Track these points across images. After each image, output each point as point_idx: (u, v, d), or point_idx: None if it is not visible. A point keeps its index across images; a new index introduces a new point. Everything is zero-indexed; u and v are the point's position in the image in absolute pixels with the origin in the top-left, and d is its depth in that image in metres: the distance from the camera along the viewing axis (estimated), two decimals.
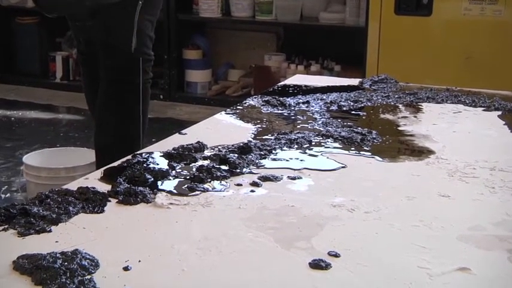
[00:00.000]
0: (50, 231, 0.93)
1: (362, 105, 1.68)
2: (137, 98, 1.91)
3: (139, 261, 0.85)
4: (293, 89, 1.85)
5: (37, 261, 0.81)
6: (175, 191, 1.09)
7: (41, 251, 0.85)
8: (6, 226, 0.94)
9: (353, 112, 1.62)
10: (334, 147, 1.33)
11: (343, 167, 1.22)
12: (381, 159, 1.28)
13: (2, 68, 4.50)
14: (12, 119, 3.66)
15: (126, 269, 0.83)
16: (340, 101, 1.69)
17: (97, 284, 0.78)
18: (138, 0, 1.67)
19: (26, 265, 0.81)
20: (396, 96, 1.76)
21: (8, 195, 2.55)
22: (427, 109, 1.65)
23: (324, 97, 1.74)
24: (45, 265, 0.80)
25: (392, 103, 1.70)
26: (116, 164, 1.20)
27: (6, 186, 2.63)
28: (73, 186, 1.09)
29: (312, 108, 1.64)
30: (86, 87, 2.06)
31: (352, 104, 1.67)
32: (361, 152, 1.31)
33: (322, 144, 1.35)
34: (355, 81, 1.93)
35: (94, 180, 1.13)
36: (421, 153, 1.32)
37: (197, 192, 1.08)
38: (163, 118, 3.78)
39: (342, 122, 1.51)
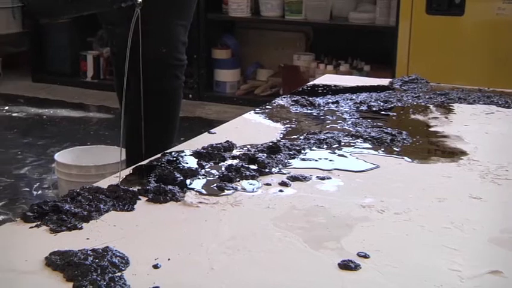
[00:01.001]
0: (81, 228, 0.94)
1: (392, 105, 1.67)
2: (168, 104, 1.92)
3: (169, 259, 0.85)
4: (322, 88, 1.84)
5: (69, 257, 0.82)
6: (204, 190, 1.09)
7: (72, 247, 0.86)
8: (38, 223, 0.95)
9: (383, 112, 1.61)
10: (364, 148, 1.33)
11: (375, 168, 1.21)
12: (411, 160, 1.27)
13: (34, 67, 4.56)
14: (44, 117, 3.70)
15: (155, 266, 0.83)
16: (370, 101, 1.68)
17: (127, 281, 0.79)
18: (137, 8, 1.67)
19: (58, 261, 0.82)
20: (427, 96, 1.74)
21: (40, 192, 2.58)
22: (458, 110, 1.64)
23: (354, 97, 1.73)
24: (77, 262, 0.81)
25: (423, 103, 1.68)
26: (145, 162, 1.21)
27: (38, 183, 2.66)
28: (103, 184, 1.10)
29: (341, 108, 1.63)
30: (118, 88, 2.08)
31: (382, 104, 1.66)
32: (391, 153, 1.30)
33: (352, 144, 1.35)
34: (385, 82, 1.92)
35: (124, 178, 1.13)
36: (453, 154, 1.31)
37: (226, 192, 1.09)
38: (192, 117, 3.79)
39: (372, 122, 1.50)
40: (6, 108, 3.85)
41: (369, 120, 1.51)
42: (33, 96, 4.11)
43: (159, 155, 1.25)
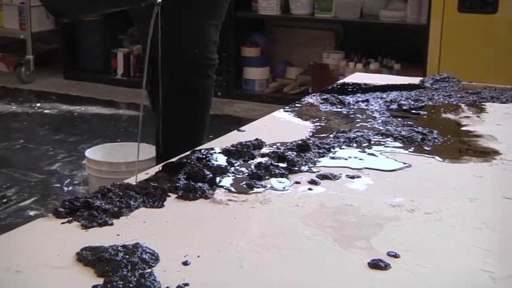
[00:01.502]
0: (112, 224, 0.95)
1: (423, 104, 1.65)
2: (199, 103, 1.92)
3: (198, 256, 0.85)
4: (352, 87, 1.83)
5: (100, 253, 0.83)
6: (233, 188, 1.09)
7: (103, 243, 0.87)
8: (70, 218, 0.96)
9: (413, 111, 1.59)
10: (394, 147, 1.32)
11: (406, 167, 1.21)
12: (442, 160, 1.26)
13: (66, 65, 4.61)
14: (75, 114, 3.74)
15: (185, 263, 0.83)
16: (400, 100, 1.67)
17: (157, 277, 0.79)
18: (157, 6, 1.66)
19: (89, 257, 0.83)
20: (458, 95, 1.72)
21: (71, 188, 2.61)
22: (491, 109, 1.62)
23: (384, 96, 1.72)
24: (108, 257, 0.82)
25: (454, 102, 1.67)
26: (175, 159, 1.22)
27: (68, 180, 2.69)
28: (133, 180, 1.11)
29: (371, 107, 1.62)
30: (149, 86, 2.09)
31: (412, 103, 1.65)
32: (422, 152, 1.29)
33: (382, 143, 1.34)
34: (415, 80, 1.90)
35: (154, 175, 1.14)
36: (485, 154, 1.29)
37: (255, 189, 1.09)
38: (220, 115, 3.80)
39: (402, 121, 1.49)
40: (38, 105, 3.90)
41: (399, 119, 1.50)
42: (65, 93, 4.16)
43: (188, 152, 1.25)
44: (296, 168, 1.18)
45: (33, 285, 0.78)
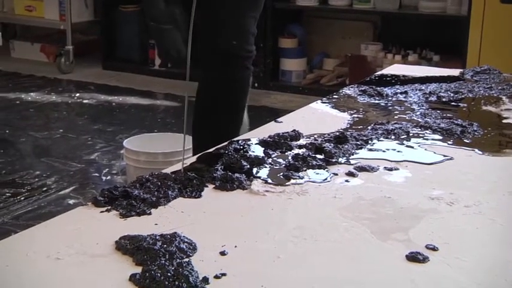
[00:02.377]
0: (150, 213, 0.96)
1: (463, 96, 1.63)
2: (236, 95, 1.93)
3: (236, 246, 0.86)
4: (390, 78, 1.82)
5: (138, 242, 0.84)
6: (270, 179, 1.09)
7: (141, 232, 0.87)
8: (109, 207, 0.97)
9: (453, 103, 1.57)
10: (433, 139, 1.30)
11: (446, 159, 1.19)
12: (481, 153, 1.24)
13: (105, 55, 4.65)
14: (113, 104, 3.78)
15: (222, 253, 0.84)
16: (439, 92, 1.65)
17: (195, 267, 0.80)
18: None
19: (128, 246, 0.84)
20: (499, 87, 1.69)
21: (109, 177, 2.64)
22: None
23: (423, 87, 1.70)
24: (146, 246, 0.83)
25: (495, 95, 1.64)
26: (212, 150, 1.22)
27: (107, 169, 2.72)
28: (171, 170, 1.11)
29: (410, 99, 1.61)
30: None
31: (452, 95, 1.63)
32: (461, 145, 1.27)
33: (421, 135, 1.32)
34: (455, 72, 1.87)
35: (191, 166, 1.15)
36: None
37: (293, 181, 1.09)
38: (257, 106, 3.80)
39: (441, 113, 1.47)
40: (78, 94, 3.95)
41: (439, 111, 1.48)
42: (103, 84, 4.20)
43: (226, 143, 1.26)
44: (333, 160, 1.17)
45: (73, 273, 0.79)
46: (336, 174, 1.12)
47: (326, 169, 1.14)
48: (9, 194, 2.45)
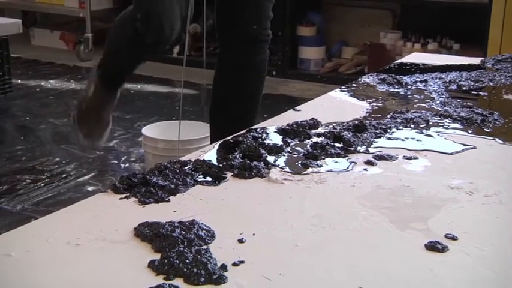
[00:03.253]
0: (169, 201, 0.96)
1: (483, 85, 1.61)
2: (254, 79, 1.93)
3: (254, 234, 0.86)
4: (410, 67, 1.80)
5: (157, 229, 0.84)
6: (289, 167, 1.09)
7: (159, 219, 0.88)
8: (127, 194, 0.98)
9: (473, 92, 1.56)
10: (453, 128, 1.29)
11: (470, 148, 1.18)
12: (502, 142, 1.23)
13: None
14: (132, 91, 3.79)
15: (240, 241, 0.84)
16: (459, 81, 1.63)
17: (213, 254, 0.80)
18: None
19: (147, 232, 0.84)
20: None
21: (127, 165, 2.65)
22: None
23: (443, 76, 1.68)
24: (165, 233, 0.83)
25: None
26: (230, 138, 1.22)
27: (125, 157, 2.73)
28: (190, 158, 1.12)
29: (429, 88, 1.59)
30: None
31: (472, 83, 1.61)
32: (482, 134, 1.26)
33: (440, 124, 1.31)
34: (476, 60, 1.86)
35: (210, 153, 1.15)
36: None
37: (311, 169, 1.08)
38: (275, 94, 3.80)
39: (462, 102, 1.46)
40: None
41: (459, 100, 1.47)
42: None
43: (244, 131, 1.26)
44: (352, 149, 1.17)
45: (93, 259, 0.79)
46: (355, 163, 1.11)
47: (345, 158, 1.13)
48: (30, 181, 2.47)
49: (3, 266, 0.77)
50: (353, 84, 1.63)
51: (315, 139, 1.22)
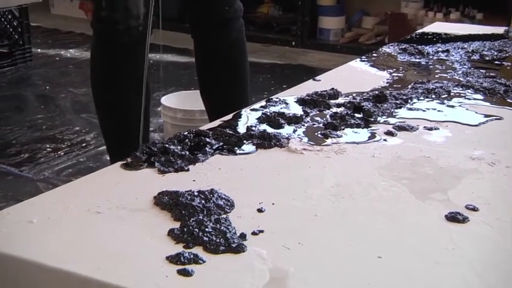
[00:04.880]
0: (188, 170, 0.96)
1: (507, 55, 1.59)
2: (236, 54, 1.87)
3: (273, 203, 0.86)
4: (432, 37, 1.78)
5: (176, 198, 0.85)
6: (308, 137, 1.09)
7: (179, 188, 0.88)
8: (147, 163, 0.98)
9: (497, 62, 1.54)
10: (475, 99, 1.28)
11: (497, 119, 1.17)
12: None
13: None
14: (151, 61, 3.78)
15: (260, 210, 0.84)
16: (482, 50, 1.61)
17: (232, 223, 0.80)
18: None
19: (166, 201, 0.85)
20: None
21: (149, 133, 2.66)
22: None
23: (465, 46, 1.66)
24: (184, 202, 0.83)
25: None
26: (250, 108, 1.22)
27: None
28: (209, 127, 1.11)
29: (451, 58, 1.57)
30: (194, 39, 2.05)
31: (495, 53, 1.59)
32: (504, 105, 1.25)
33: (462, 95, 1.30)
34: (499, 30, 1.83)
35: (229, 123, 1.15)
36: None
37: (331, 139, 1.08)
38: (294, 65, 3.77)
39: (484, 72, 1.44)
40: None
41: (481, 70, 1.45)
42: None
43: (263, 102, 1.25)
44: (372, 119, 1.16)
45: (113, 226, 0.80)
46: (375, 134, 1.10)
47: (365, 128, 1.13)
48: (50, 149, 2.49)
49: (25, 232, 0.78)
50: (373, 54, 1.61)
51: (334, 109, 1.21)
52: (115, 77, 1.70)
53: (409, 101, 1.26)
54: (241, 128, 1.11)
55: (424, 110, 1.21)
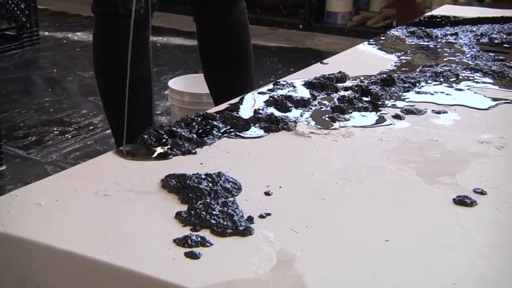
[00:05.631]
0: (195, 153, 0.96)
1: None
2: (239, 37, 1.86)
3: (280, 187, 0.86)
4: (440, 20, 1.77)
5: (184, 181, 0.85)
6: (316, 120, 1.08)
7: (186, 171, 0.88)
8: (155, 146, 0.98)
9: (506, 45, 1.53)
10: (484, 82, 1.27)
11: (506, 102, 1.16)
12: None
13: None
14: (158, 45, 3.78)
15: (267, 194, 0.84)
16: (491, 33, 1.60)
17: (239, 206, 0.80)
18: None
19: (173, 184, 0.85)
20: None
21: (154, 117, 2.66)
22: None
23: (474, 29, 1.65)
24: (191, 185, 0.83)
25: None
26: (257, 91, 1.22)
27: None
28: (216, 110, 1.11)
29: (460, 41, 1.56)
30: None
31: (505, 36, 1.58)
32: None
33: (471, 78, 1.29)
34: (509, 13, 1.81)
35: (236, 106, 1.14)
36: None
37: (338, 123, 1.08)
38: (301, 48, 3.76)
39: (493, 55, 1.43)
40: None
41: (490, 54, 1.44)
42: None
43: (271, 85, 1.25)
44: (380, 102, 1.16)
45: (121, 209, 0.80)
46: (383, 117, 1.10)
47: (372, 111, 1.12)
48: (57, 132, 2.50)
49: (33, 215, 0.78)
50: (381, 37, 1.60)
51: (342, 93, 1.21)
52: (117, 61, 1.70)
53: (417, 84, 1.25)
54: (249, 112, 1.11)
55: (432, 94, 1.21)
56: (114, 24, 1.64)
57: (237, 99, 1.19)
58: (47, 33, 3.92)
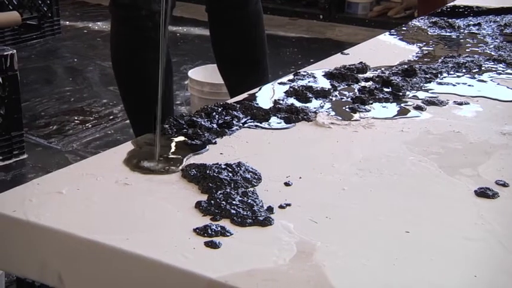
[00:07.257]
0: (215, 143, 0.96)
1: None
2: (253, 27, 1.87)
3: (300, 177, 0.86)
4: (463, 10, 1.75)
5: (204, 170, 0.85)
6: (336, 111, 1.08)
7: (206, 161, 0.88)
8: (175, 136, 0.98)
9: None
10: (507, 73, 1.25)
11: None
12: None
13: None
14: (178, 35, 3.79)
15: (287, 184, 0.84)
16: None
17: (259, 196, 0.80)
18: None
19: (194, 173, 0.85)
20: None
21: (174, 107, 2.67)
22: None
23: (498, 19, 1.63)
24: (212, 175, 0.84)
25: None
26: (277, 81, 1.21)
27: None
28: (236, 101, 1.11)
29: (483, 31, 1.55)
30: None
31: None
32: None
33: (494, 69, 1.28)
34: None
35: (256, 96, 1.14)
36: None
37: (359, 113, 1.07)
38: (321, 39, 3.75)
39: None
40: None
41: None
42: None
43: (291, 75, 1.24)
44: (401, 93, 1.15)
45: (141, 198, 0.80)
46: (404, 108, 1.09)
47: (393, 102, 1.12)
48: (78, 121, 2.52)
49: (55, 203, 0.79)
50: (403, 28, 1.59)
51: (363, 83, 1.20)
52: (138, 61, 1.70)
53: (439, 75, 1.24)
54: (269, 102, 1.11)
55: (454, 85, 1.20)
56: (135, 25, 1.64)
57: (256, 90, 1.18)
58: (67, 22, 3.94)
